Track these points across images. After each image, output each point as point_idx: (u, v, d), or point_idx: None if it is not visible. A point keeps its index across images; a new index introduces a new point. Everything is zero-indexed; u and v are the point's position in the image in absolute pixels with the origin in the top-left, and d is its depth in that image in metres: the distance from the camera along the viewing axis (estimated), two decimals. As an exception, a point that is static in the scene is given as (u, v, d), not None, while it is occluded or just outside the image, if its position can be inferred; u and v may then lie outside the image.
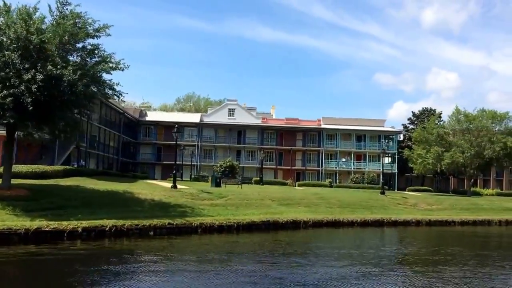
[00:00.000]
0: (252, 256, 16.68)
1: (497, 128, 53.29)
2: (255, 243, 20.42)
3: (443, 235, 30.52)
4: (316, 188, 52.32)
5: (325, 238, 24.27)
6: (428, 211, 38.92)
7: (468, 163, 52.01)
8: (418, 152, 53.59)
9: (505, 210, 43.66)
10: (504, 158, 50.92)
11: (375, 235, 27.78)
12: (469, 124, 51.87)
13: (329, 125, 66.73)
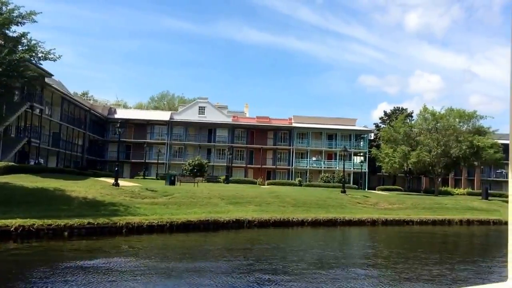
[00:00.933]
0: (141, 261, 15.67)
1: (465, 127, 52.96)
2: (165, 245, 19.27)
3: (391, 234, 29.92)
4: (281, 187, 51.47)
5: (265, 239, 23.36)
6: (388, 210, 38.27)
7: (435, 162, 51.61)
8: (385, 151, 53.05)
9: (469, 209, 43.24)
10: (471, 157, 50.58)
11: (320, 235, 26.98)
12: (435, 123, 51.45)
13: (300, 124, 65.98)
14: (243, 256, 16.79)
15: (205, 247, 19.08)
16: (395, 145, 52.04)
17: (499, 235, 32.59)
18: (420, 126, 52.46)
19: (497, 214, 41.96)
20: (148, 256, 15.85)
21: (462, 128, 52.94)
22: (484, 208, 44.56)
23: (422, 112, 53.62)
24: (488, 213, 42.50)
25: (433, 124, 51.70)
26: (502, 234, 33.39)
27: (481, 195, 50.32)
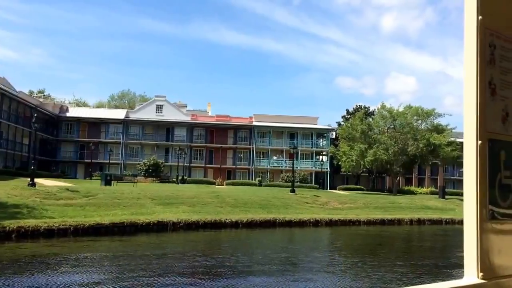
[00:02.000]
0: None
1: (423, 125, 52.08)
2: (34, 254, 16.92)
3: (326, 235, 28.47)
4: (238, 187, 49.79)
5: (177, 243, 21.47)
6: (337, 210, 36.90)
7: (393, 161, 50.56)
8: (343, 149, 51.77)
9: (423, 209, 42.25)
10: (429, 155, 49.66)
11: (245, 237, 25.29)
12: (393, 121, 50.37)
13: (260, 123, 64.36)
14: (116, 266, 14.89)
15: (71, 257, 17.04)
16: (353, 143, 50.79)
17: (443, 234, 31.45)
18: (378, 124, 51.26)
19: (451, 213, 41.09)
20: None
21: (420, 126, 52.03)
22: (439, 207, 43.66)
23: (379, 110, 52.53)
24: (443, 212, 41.57)
25: (390, 122, 50.60)
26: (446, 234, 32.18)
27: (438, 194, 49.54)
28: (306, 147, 64.47)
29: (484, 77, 1.39)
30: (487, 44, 1.41)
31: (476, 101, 1.37)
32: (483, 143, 1.37)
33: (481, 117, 1.37)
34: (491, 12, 1.42)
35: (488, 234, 1.38)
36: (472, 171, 1.36)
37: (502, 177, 1.44)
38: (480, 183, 1.36)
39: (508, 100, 1.47)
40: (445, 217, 39.00)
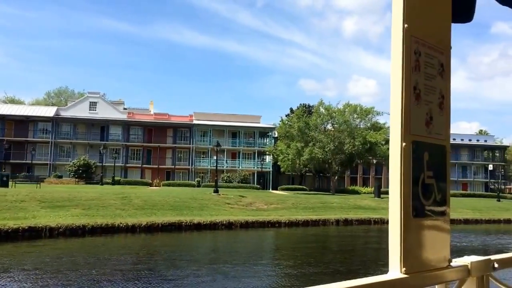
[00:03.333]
0: None
1: (362, 124, 50.94)
2: None
3: (223, 239, 26.30)
4: (174, 188, 47.49)
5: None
6: (261, 211, 34.85)
7: (331, 159, 49.13)
8: (280, 148, 49.97)
9: (355, 208, 40.87)
10: (365, 154, 48.51)
11: (131, 244, 22.73)
12: (330, 118, 48.94)
13: (201, 121, 61.90)
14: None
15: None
16: (291, 142, 49.06)
17: (359, 235, 29.86)
18: (315, 122, 49.68)
19: (383, 212, 39.77)
20: None
21: (359, 125, 50.88)
22: (372, 206, 42.41)
23: (317, 107, 51.02)
24: (374, 211, 40.26)
25: (326, 120, 49.12)
26: (366, 234, 30.62)
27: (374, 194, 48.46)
28: (248, 146, 62.45)
29: (410, 82, 1.45)
30: (413, 51, 1.48)
31: (401, 105, 1.43)
32: (407, 145, 1.42)
33: (405, 120, 1.43)
34: (417, 21, 1.49)
35: (411, 231, 1.44)
36: (396, 171, 1.42)
37: (425, 177, 1.50)
38: (404, 182, 1.42)
39: (432, 104, 1.54)
40: (375, 216, 37.64)
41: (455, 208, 47.83)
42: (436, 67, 1.57)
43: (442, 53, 1.61)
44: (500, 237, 32.52)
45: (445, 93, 1.61)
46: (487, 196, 61.36)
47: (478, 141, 72.70)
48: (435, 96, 1.56)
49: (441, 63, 1.60)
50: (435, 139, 1.56)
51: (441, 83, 1.60)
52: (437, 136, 1.57)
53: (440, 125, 1.59)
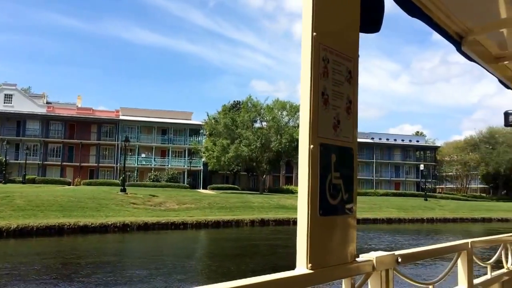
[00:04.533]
0: None
1: (292, 121, 49.62)
2: None
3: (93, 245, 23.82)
4: (94, 187, 44.18)
5: None
6: (170, 211, 32.57)
7: (259, 157, 47.48)
8: (205, 145, 47.76)
9: (277, 208, 39.40)
10: (292, 152, 47.19)
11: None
12: (257, 115, 47.26)
13: (128, 117, 58.59)
14: None
15: None
16: (218, 139, 46.97)
17: (265, 238, 28.17)
18: (242, 118, 47.83)
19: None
20: None
21: (289, 122, 49.55)
22: (295, 206, 40.90)
23: (245, 103, 49.21)
24: (296, 211, 38.92)
25: (254, 116, 47.38)
26: (274, 236, 29.02)
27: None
28: (179, 143, 59.76)
29: (318, 88, 1.52)
30: (321, 58, 1.54)
31: (309, 109, 1.49)
32: (315, 147, 1.49)
33: (313, 123, 1.49)
34: (325, 30, 1.56)
35: (318, 228, 1.49)
36: (305, 172, 1.48)
37: (333, 177, 1.57)
38: (311, 182, 1.48)
39: (339, 109, 1.61)
40: (294, 217, 36.22)
41: (381, 207, 47.53)
42: (344, 73, 1.65)
43: (350, 60, 1.69)
44: (414, 238, 31.88)
45: (352, 98, 1.68)
46: (417, 195, 61.97)
47: (410, 142, 73.71)
48: (342, 101, 1.63)
49: (349, 70, 1.67)
50: (343, 141, 1.63)
51: (348, 89, 1.66)
52: (344, 139, 1.63)
53: (348, 129, 1.66)
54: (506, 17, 2.86)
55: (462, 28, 2.90)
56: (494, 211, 51.33)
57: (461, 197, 66.30)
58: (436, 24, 2.64)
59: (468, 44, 3.01)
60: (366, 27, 1.85)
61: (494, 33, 3.18)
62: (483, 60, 3.36)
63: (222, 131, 46.67)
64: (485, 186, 78.77)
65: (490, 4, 2.73)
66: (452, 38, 2.93)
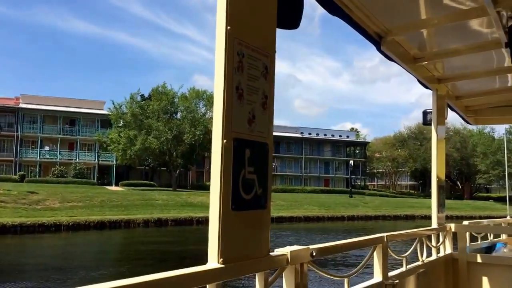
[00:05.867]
0: None
1: (210, 112, 45.71)
2: None
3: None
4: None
5: None
6: (47, 210, 27.88)
7: (172, 150, 43.20)
8: (110, 136, 42.85)
9: (184, 206, 35.71)
10: (207, 145, 43.33)
11: None
12: (168, 103, 42.98)
13: (30, 105, 52.17)
14: None
15: None
16: (124, 130, 42.20)
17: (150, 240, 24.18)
18: (153, 108, 43.30)
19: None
20: None
21: (208, 113, 45.63)
22: (207, 204, 37.20)
23: (155, 91, 44.63)
24: (207, 209, 35.12)
25: (165, 105, 43.01)
26: (157, 239, 25.17)
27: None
28: (88, 136, 54.04)
29: (232, 82, 1.51)
30: (236, 53, 1.53)
31: (223, 103, 1.48)
32: (228, 142, 1.48)
33: (227, 118, 1.48)
34: (240, 24, 1.55)
35: (230, 223, 1.49)
36: (217, 167, 1.46)
37: (246, 173, 1.55)
38: (224, 177, 1.46)
39: (255, 104, 1.61)
40: (201, 215, 32.55)
41: (302, 205, 44.90)
42: (260, 69, 1.64)
43: (267, 56, 1.68)
44: (322, 239, 29.04)
45: (268, 93, 1.68)
46: (346, 192, 60.27)
47: (340, 137, 72.22)
48: (258, 96, 1.63)
49: (266, 66, 1.67)
50: (258, 136, 1.62)
51: (264, 84, 1.66)
52: (259, 134, 1.62)
53: (263, 124, 1.65)
54: (425, 19, 3.10)
55: (381, 28, 3.06)
56: (418, 208, 50.35)
57: (389, 194, 65.47)
58: (356, 23, 2.76)
59: (387, 44, 3.17)
60: (284, 23, 1.81)
61: (413, 34, 3.43)
62: (402, 60, 3.54)
63: (130, 121, 41.94)
64: (415, 183, 79.08)
65: (408, 6, 2.92)
66: (372, 38, 3.07)
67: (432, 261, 4.08)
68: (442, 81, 4.49)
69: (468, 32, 3.40)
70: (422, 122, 4.75)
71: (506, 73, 4.27)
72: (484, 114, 5.80)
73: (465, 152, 66.46)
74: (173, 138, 41.98)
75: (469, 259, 4.54)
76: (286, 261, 1.79)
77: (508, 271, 4.40)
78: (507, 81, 4.71)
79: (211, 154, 1.46)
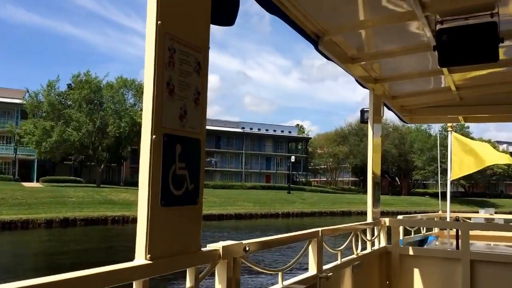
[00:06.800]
0: None
1: (139, 104, 42.69)
2: None
3: None
4: None
5: None
6: None
7: (96, 143, 39.84)
8: (24, 127, 38.88)
9: (102, 203, 32.59)
10: (135, 138, 40.39)
11: None
12: (90, 92, 39.50)
13: None
14: None
15: None
16: (39, 120, 38.38)
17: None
18: (73, 97, 39.65)
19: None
20: None
21: (138, 104, 42.55)
22: (129, 201, 34.39)
23: (75, 78, 40.82)
24: (128, 207, 32.47)
25: (86, 93, 39.46)
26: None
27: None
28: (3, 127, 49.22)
29: (162, 78, 1.50)
30: (167, 48, 1.52)
31: (152, 99, 1.47)
32: (158, 137, 1.47)
33: (157, 113, 1.47)
34: (171, 19, 1.53)
35: (159, 219, 1.48)
36: (146, 162, 1.46)
37: (177, 168, 1.55)
38: (153, 173, 1.45)
39: (186, 100, 1.61)
40: (118, 214, 29.86)
41: (236, 202, 42.93)
42: (192, 64, 1.63)
43: (200, 51, 1.67)
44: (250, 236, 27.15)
45: (201, 89, 1.68)
46: (287, 188, 59.02)
47: (282, 132, 71.05)
48: (190, 92, 1.62)
49: (198, 61, 1.66)
50: (189, 132, 1.61)
51: (197, 80, 1.65)
52: (191, 130, 1.62)
53: (195, 120, 1.64)
54: (361, 20, 3.15)
55: (318, 28, 3.09)
56: (355, 204, 49.86)
57: (330, 190, 64.98)
58: (293, 22, 2.78)
59: (324, 44, 3.22)
60: (219, 19, 1.80)
61: (350, 35, 3.49)
62: (339, 60, 3.63)
63: (48, 111, 38.18)
64: (356, 179, 79.44)
65: (345, 7, 2.98)
66: (310, 38, 3.11)
67: (366, 254, 4.20)
68: (379, 81, 4.59)
69: (402, 35, 3.51)
70: (360, 120, 4.86)
71: (437, 74, 4.42)
72: (418, 113, 5.98)
73: (403, 148, 67.17)
74: (97, 130, 38.61)
75: (401, 251, 4.70)
76: (218, 256, 1.79)
77: (437, 262, 4.61)
78: (439, 83, 4.85)
79: (140, 149, 1.42)
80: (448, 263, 4.52)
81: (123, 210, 31.20)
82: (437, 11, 2.87)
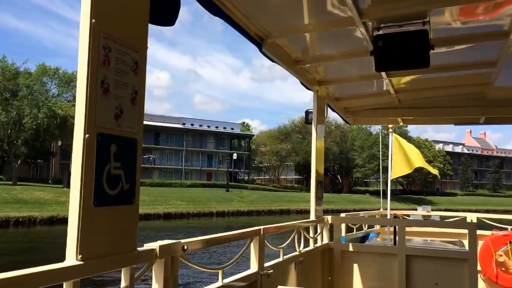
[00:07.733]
0: None
1: (66, 95, 39.41)
2: None
3: None
4: None
5: None
6: None
7: (11, 136, 36.21)
8: None
9: (9, 203, 29.30)
10: (55, 130, 37.10)
11: None
12: (2, 79, 35.81)
13: None
14: None
15: None
16: None
17: None
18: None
19: (56, 208, 29.39)
20: None
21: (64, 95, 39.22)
22: (43, 200, 31.44)
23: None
24: (40, 206, 29.55)
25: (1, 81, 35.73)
26: None
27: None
28: None
29: (96, 77, 1.47)
30: (102, 47, 1.49)
31: (86, 98, 1.44)
32: (91, 137, 1.44)
33: (90, 113, 1.44)
34: (107, 17, 1.51)
35: (91, 219, 1.45)
36: (78, 162, 1.42)
37: (112, 168, 1.53)
38: (86, 173, 1.42)
39: (122, 99, 1.58)
40: (25, 214, 26.89)
41: (168, 200, 40.63)
42: (129, 64, 1.61)
43: (137, 51, 1.65)
44: (172, 238, 25.06)
45: (138, 89, 1.66)
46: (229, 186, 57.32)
47: (225, 129, 69.24)
48: (127, 91, 1.60)
49: (135, 61, 1.65)
50: (125, 132, 1.59)
51: (134, 80, 1.64)
52: (127, 129, 1.60)
53: (132, 119, 1.62)
54: (303, 25, 3.22)
55: (261, 30, 3.16)
56: (295, 202, 49.04)
57: (272, 188, 63.90)
58: (236, 24, 2.82)
59: (267, 47, 3.29)
60: (157, 19, 1.79)
61: (294, 38, 3.54)
62: (283, 62, 3.72)
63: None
64: (299, 177, 79.06)
65: (287, 11, 3.00)
66: (254, 40, 3.16)
67: (309, 251, 4.33)
68: (323, 83, 4.78)
69: (343, 39, 3.64)
70: (304, 121, 5.14)
71: (377, 78, 4.54)
72: (361, 115, 6.20)
73: (345, 146, 67.34)
74: (10, 122, 35.02)
75: (342, 248, 4.83)
76: (155, 255, 1.77)
77: (376, 257, 4.79)
78: (380, 86, 5.03)
79: (72, 149, 1.39)
80: (386, 258, 4.69)
81: (33, 210, 28.24)
82: (373, 18, 2.98)
